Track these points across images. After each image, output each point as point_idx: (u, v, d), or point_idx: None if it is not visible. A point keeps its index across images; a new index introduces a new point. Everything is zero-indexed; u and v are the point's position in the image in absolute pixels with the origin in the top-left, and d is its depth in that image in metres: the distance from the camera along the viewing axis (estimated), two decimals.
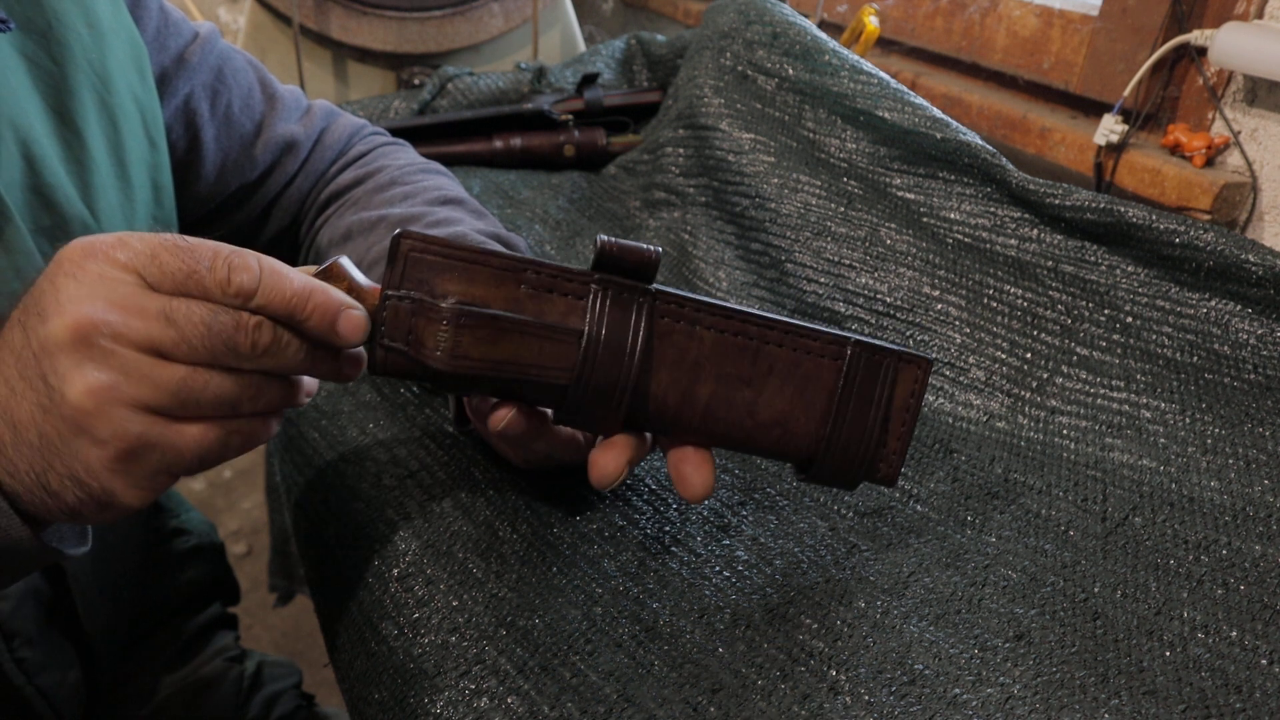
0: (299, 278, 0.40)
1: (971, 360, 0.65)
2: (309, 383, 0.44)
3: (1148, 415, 0.58)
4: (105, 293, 0.36)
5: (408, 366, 0.43)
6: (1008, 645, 0.44)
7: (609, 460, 0.45)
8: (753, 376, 0.46)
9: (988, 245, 0.68)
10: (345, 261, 0.43)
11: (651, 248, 0.45)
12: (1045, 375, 0.62)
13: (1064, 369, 0.62)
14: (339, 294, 0.41)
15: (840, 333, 0.47)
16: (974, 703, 0.41)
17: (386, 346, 0.42)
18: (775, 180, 0.79)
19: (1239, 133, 0.80)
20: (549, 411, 0.48)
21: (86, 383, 0.36)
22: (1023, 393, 0.62)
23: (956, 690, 0.42)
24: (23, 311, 0.38)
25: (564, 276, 0.44)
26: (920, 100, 0.75)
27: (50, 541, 0.40)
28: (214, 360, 0.38)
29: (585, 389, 0.43)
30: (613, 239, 0.44)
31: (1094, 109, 0.93)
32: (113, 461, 0.37)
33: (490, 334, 0.42)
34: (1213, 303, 0.59)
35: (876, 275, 0.71)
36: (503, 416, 0.46)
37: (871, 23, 1.00)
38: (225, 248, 0.38)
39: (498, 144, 1.02)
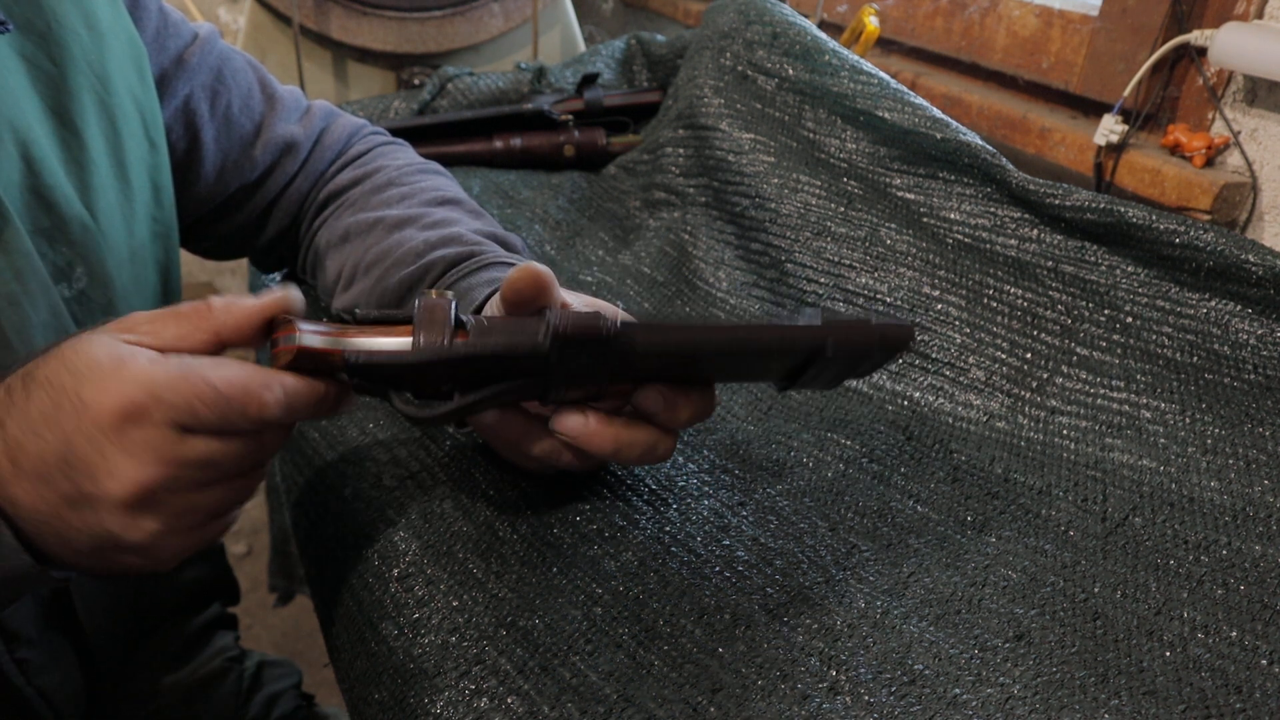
0: (310, 390, 0.43)
1: (971, 360, 0.65)
2: None
3: (1148, 415, 0.58)
4: (153, 456, 0.39)
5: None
6: (1008, 645, 0.44)
7: (574, 415, 0.46)
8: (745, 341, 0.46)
9: (988, 245, 0.68)
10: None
11: (605, 322, 0.43)
12: (1045, 375, 0.62)
13: (1064, 369, 0.62)
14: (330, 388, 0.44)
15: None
16: (974, 703, 0.41)
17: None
18: (775, 180, 0.79)
19: (1239, 133, 0.80)
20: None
21: (147, 531, 0.40)
22: (1023, 393, 0.62)
23: (956, 690, 0.42)
24: (64, 464, 0.39)
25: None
26: (920, 100, 0.75)
27: (53, 571, 0.42)
28: (232, 430, 0.41)
29: (566, 322, 0.42)
30: (566, 319, 0.43)
31: (1094, 109, 0.93)
32: (150, 540, 0.41)
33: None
34: (1213, 303, 0.59)
35: (876, 275, 0.71)
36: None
37: (871, 23, 1.00)
38: (250, 381, 0.41)
39: (498, 144, 1.02)
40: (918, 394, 0.64)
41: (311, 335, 0.43)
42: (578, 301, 0.52)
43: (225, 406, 0.40)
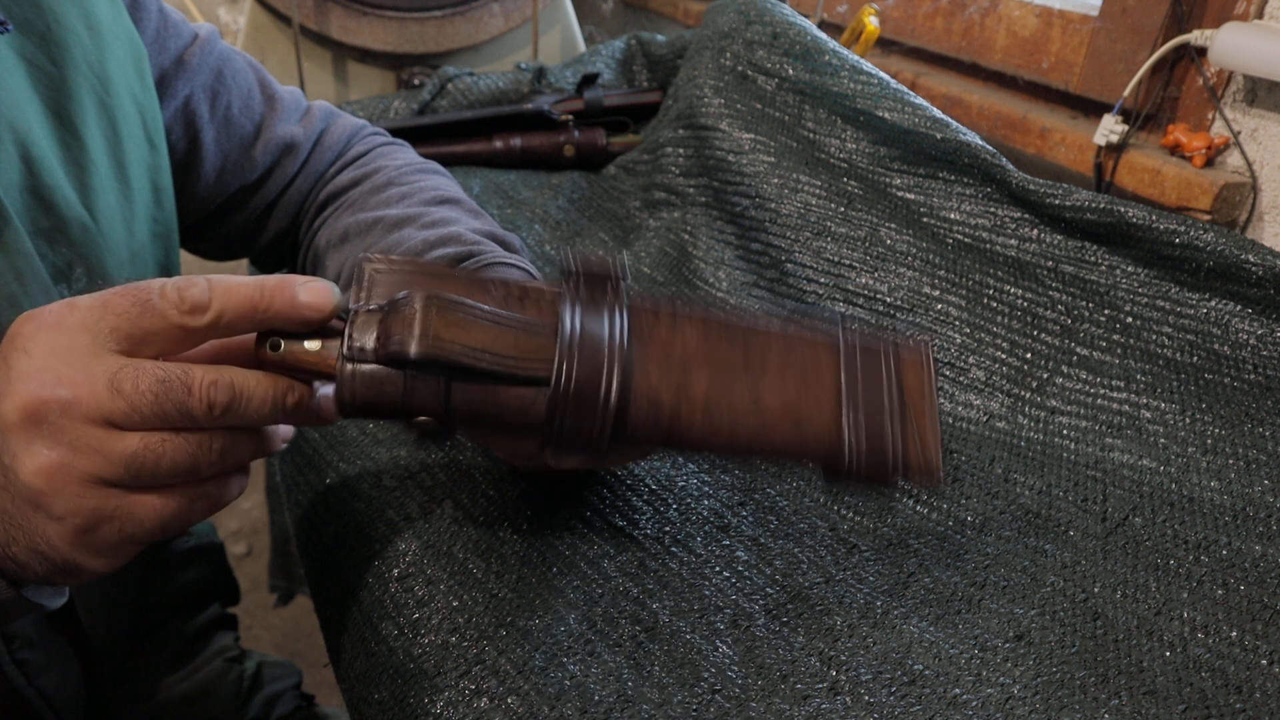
0: (246, 279, 0.39)
1: (971, 360, 0.65)
2: (282, 429, 0.43)
3: (1148, 415, 0.58)
4: (55, 365, 0.36)
5: (378, 380, 0.39)
6: (1008, 645, 0.44)
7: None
8: (748, 366, 0.42)
9: (988, 245, 0.68)
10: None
11: (614, 259, 0.43)
12: (1045, 375, 0.62)
13: (1064, 369, 0.62)
14: (289, 276, 0.40)
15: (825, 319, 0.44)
16: (974, 703, 0.41)
17: (354, 355, 0.39)
18: (775, 180, 0.79)
19: (1239, 133, 0.80)
20: None
21: (37, 462, 0.36)
22: (1023, 393, 0.62)
23: (956, 690, 0.42)
24: None
25: (533, 289, 0.42)
26: (920, 100, 0.75)
27: (30, 596, 0.41)
28: (168, 425, 0.37)
29: (569, 384, 0.40)
30: (576, 252, 0.42)
31: (1094, 109, 0.93)
32: (71, 535, 0.37)
33: (462, 319, 0.40)
34: (1213, 303, 0.59)
35: (876, 275, 0.71)
36: None
37: (871, 23, 1.00)
38: (172, 278, 0.38)
39: (498, 144, 1.02)
40: None
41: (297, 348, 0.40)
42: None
43: (139, 290, 0.37)
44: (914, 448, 0.43)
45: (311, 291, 0.40)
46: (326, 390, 0.42)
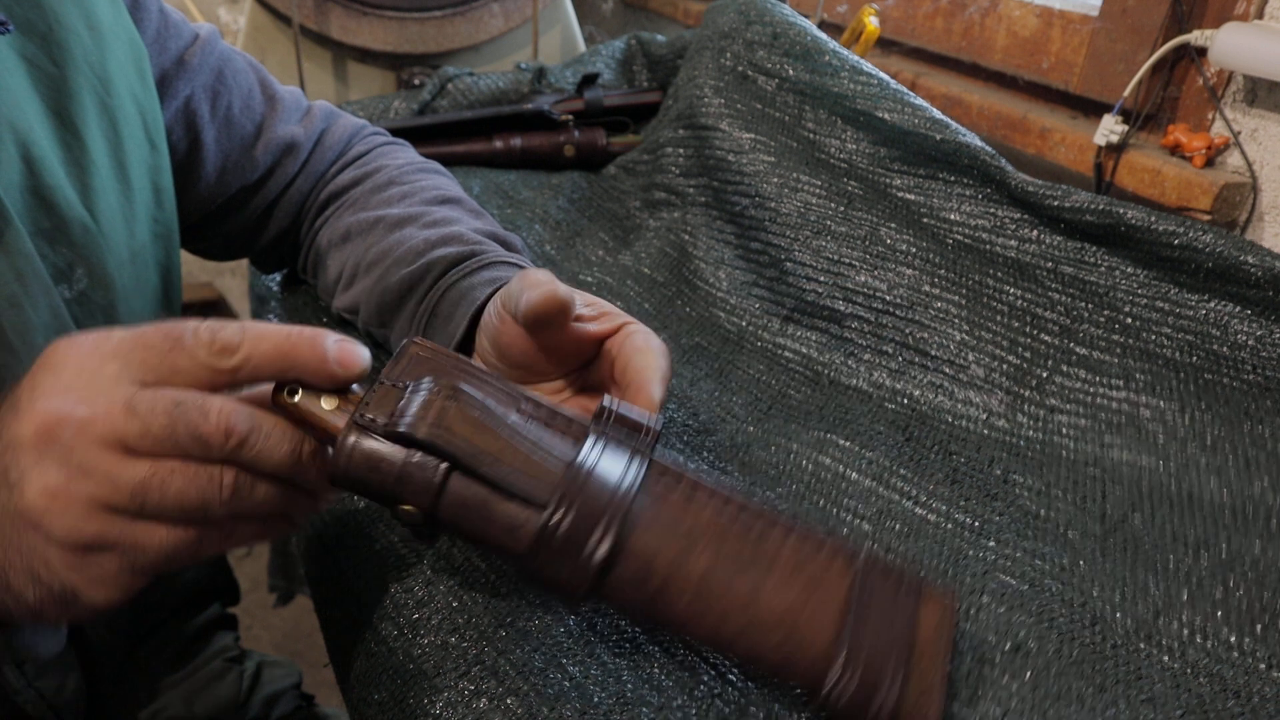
0: (279, 326, 0.39)
1: (971, 357, 0.65)
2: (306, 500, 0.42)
3: (1147, 414, 0.58)
4: (79, 386, 0.36)
5: (376, 458, 0.38)
6: (1005, 657, 0.44)
7: None
8: (756, 559, 0.39)
9: (987, 246, 0.69)
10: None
11: (651, 418, 0.42)
12: (1044, 374, 0.62)
13: (1063, 368, 0.62)
14: (322, 330, 0.39)
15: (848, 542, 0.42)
16: (973, 718, 0.41)
17: (362, 423, 0.39)
18: (775, 180, 0.79)
19: (1239, 133, 0.80)
20: None
21: (44, 480, 0.35)
22: (1022, 391, 0.62)
23: (955, 706, 0.42)
24: (3, 407, 0.37)
25: (563, 415, 0.42)
26: (920, 101, 0.75)
27: (21, 644, 0.40)
28: (180, 452, 0.36)
29: (561, 521, 0.38)
30: (615, 402, 0.42)
31: (1094, 109, 0.93)
32: (71, 560, 0.36)
33: (480, 418, 0.39)
34: (1212, 304, 0.59)
35: (876, 274, 0.71)
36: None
37: (871, 23, 1.00)
38: (208, 320, 0.38)
39: (498, 144, 1.02)
40: (917, 391, 0.64)
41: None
42: (580, 301, 0.51)
43: (174, 328, 0.38)
44: (910, 699, 0.38)
45: (342, 349, 0.39)
46: None
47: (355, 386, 0.41)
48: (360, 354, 0.40)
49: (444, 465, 0.39)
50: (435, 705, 0.43)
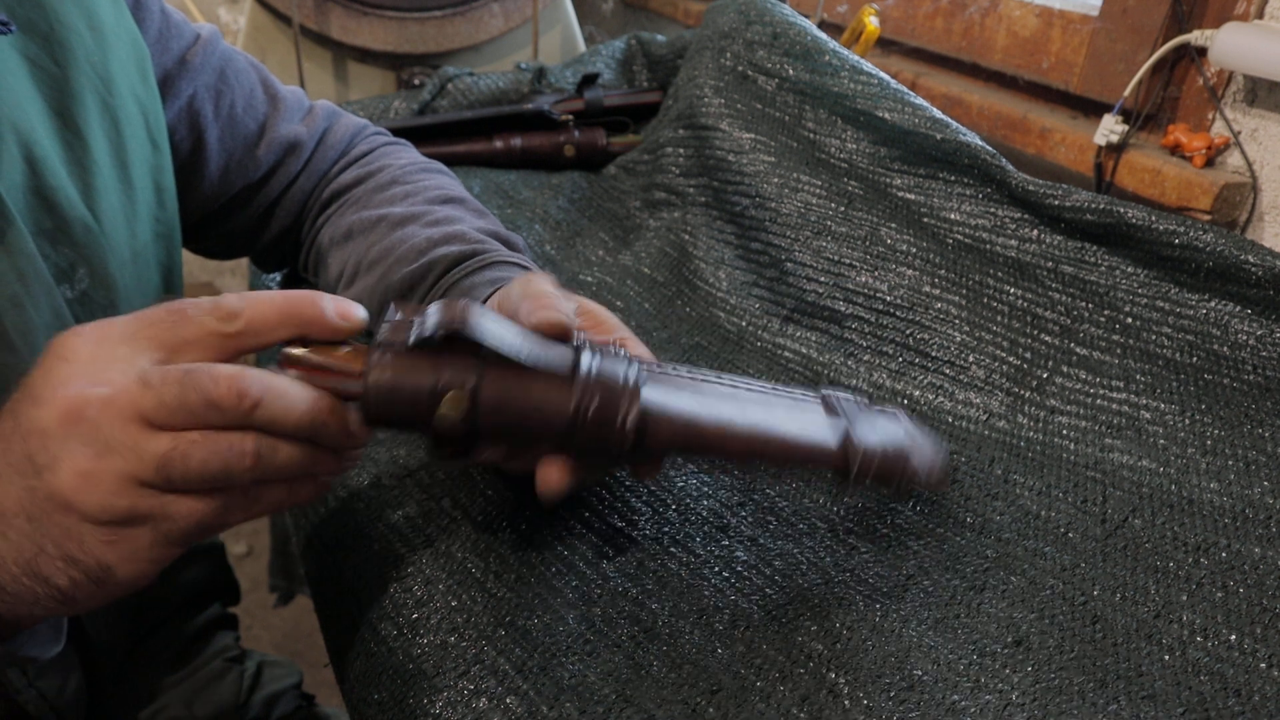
0: (279, 292, 0.41)
1: (971, 359, 0.65)
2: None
3: (1147, 416, 0.58)
4: (95, 370, 0.37)
5: (407, 365, 0.41)
6: (1006, 651, 0.44)
7: (551, 472, 0.44)
8: (759, 401, 0.46)
9: (988, 246, 0.69)
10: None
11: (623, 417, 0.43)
12: (1045, 375, 0.62)
13: (1064, 369, 0.62)
14: (316, 294, 0.42)
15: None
16: (972, 709, 0.41)
17: (385, 345, 0.41)
18: (775, 180, 0.79)
19: (1239, 133, 0.80)
20: None
21: (74, 461, 0.36)
22: (1023, 391, 0.62)
23: (955, 697, 0.42)
24: (15, 401, 0.38)
25: (556, 344, 0.45)
26: (920, 101, 0.75)
27: (19, 650, 0.41)
28: (196, 420, 0.37)
29: (592, 400, 0.42)
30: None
31: (1094, 109, 0.93)
32: (106, 536, 0.37)
33: (494, 319, 0.43)
34: (1212, 303, 0.59)
35: (876, 274, 0.71)
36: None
37: (871, 23, 1.00)
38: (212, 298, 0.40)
39: (498, 144, 1.02)
40: (917, 392, 0.64)
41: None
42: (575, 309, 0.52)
43: (177, 303, 0.39)
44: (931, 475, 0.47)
45: (340, 303, 0.41)
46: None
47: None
48: (357, 307, 0.42)
49: (476, 360, 0.41)
50: (435, 705, 0.43)
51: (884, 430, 0.47)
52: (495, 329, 0.42)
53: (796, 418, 0.46)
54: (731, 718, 0.41)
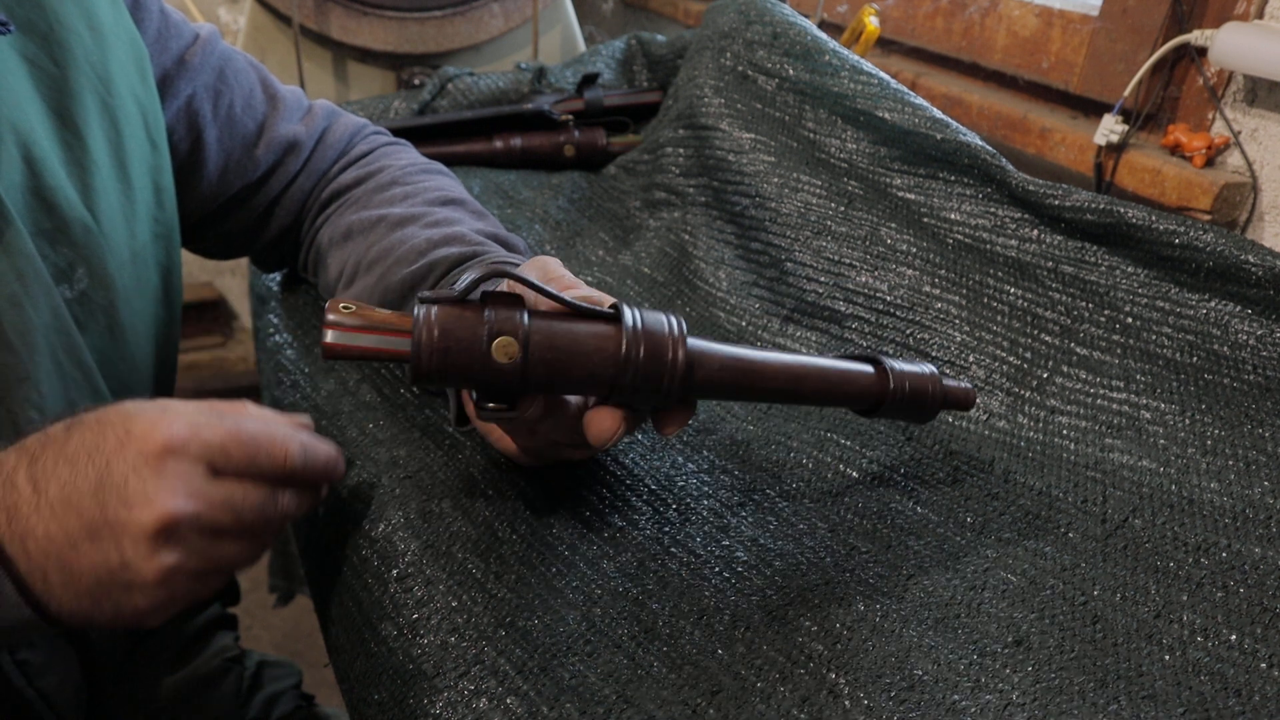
0: (326, 452, 0.48)
1: (972, 359, 0.65)
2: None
3: (1147, 416, 0.58)
4: (184, 488, 0.41)
5: (456, 313, 0.42)
6: (1006, 651, 0.44)
7: (604, 418, 0.46)
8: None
9: (988, 246, 0.68)
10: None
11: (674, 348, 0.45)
12: (1045, 375, 0.62)
13: (1064, 369, 0.62)
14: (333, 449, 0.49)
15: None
16: (973, 709, 0.41)
17: (430, 299, 0.42)
18: (775, 180, 0.79)
19: (1239, 133, 0.80)
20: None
21: (163, 564, 0.41)
22: (1023, 392, 0.62)
23: (955, 697, 0.42)
24: (98, 488, 0.41)
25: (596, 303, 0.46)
26: (920, 101, 0.75)
27: (47, 621, 0.43)
28: (253, 531, 0.45)
29: (637, 318, 0.43)
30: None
31: (1094, 109, 0.93)
32: (156, 607, 0.43)
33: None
34: (1212, 303, 0.59)
35: (877, 274, 0.71)
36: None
37: (871, 23, 1.00)
38: (279, 431, 0.45)
39: (498, 144, 1.02)
40: None
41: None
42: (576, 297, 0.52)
43: (253, 447, 0.44)
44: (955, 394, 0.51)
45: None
46: None
47: None
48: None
49: (522, 311, 0.42)
50: (435, 705, 0.43)
51: (911, 363, 0.51)
52: (538, 282, 0.43)
53: (829, 358, 0.49)
54: (732, 718, 0.41)
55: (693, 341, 0.45)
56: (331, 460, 0.49)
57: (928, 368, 0.51)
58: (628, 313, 0.44)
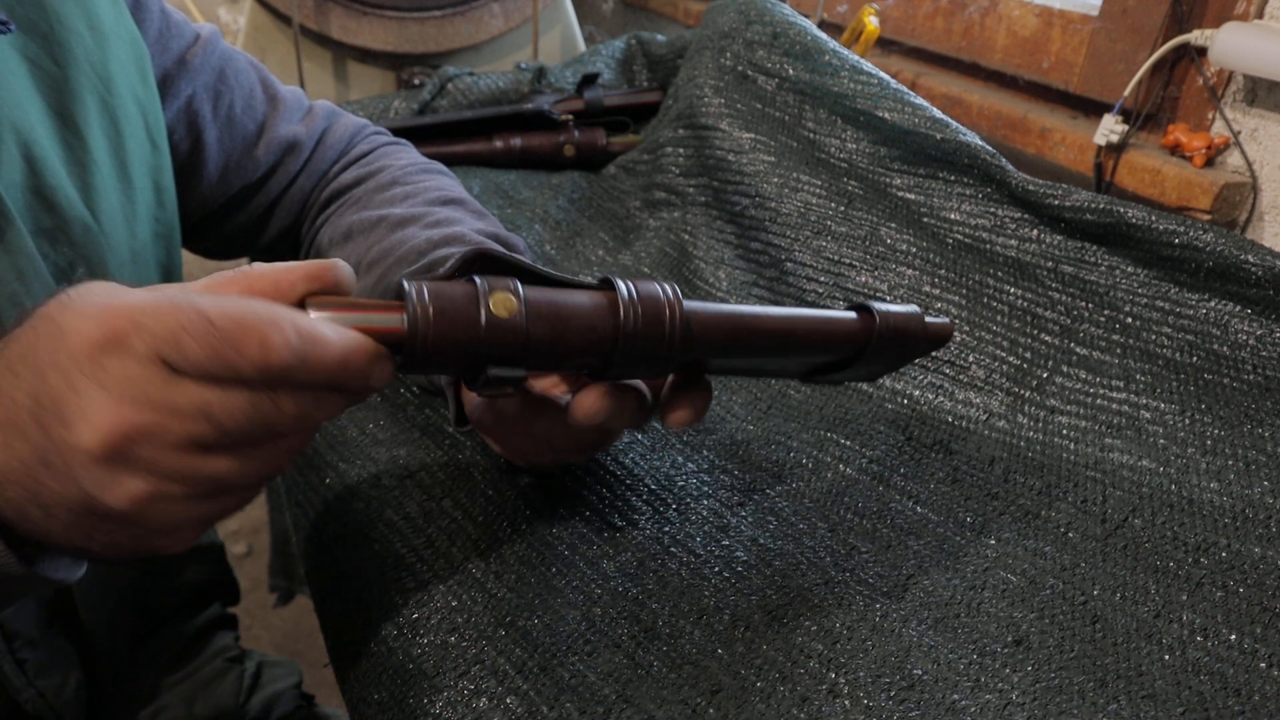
0: (338, 343, 0.36)
1: (971, 359, 0.65)
2: None
3: (1147, 416, 0.58)
4: (133, 395, 0.32)
5: (450, 286, 0.40)
6: (1006, 651, 0.44)
7: (591, 396, 0.44)
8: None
9: (988, 246, 0.69)
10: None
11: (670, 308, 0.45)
12: (1045, 375, 0.62)
13: (1064, 368, 0.62)
14: (370, 343, 0.37)
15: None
16: (972, 709, 0.41)
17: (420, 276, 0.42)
18: (775, 180, 0.79)
19: (1239, 133, 0.80)
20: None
21: (129, 493, 0.33)
22: (1023, 391, 0.62)
23: (955, 696, 0.42)
24: (35, 405, 0.33)
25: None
26: (920, 100, 0.75)
27: (43, 572, 0.38)
28: (255, 440, 0.35)
29: (632, 288, 0.43)
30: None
31: (1094, 109, 0.93)
32: (155, 535, 0.36)
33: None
34: (1212, 303, 0.59)
35: (876, 274, 0.71)
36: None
37: (871, 23, 1.00)
38: (251, 316, 0.33)
39: (498, 144, 1.02)
40: (917, 392, 0.64)
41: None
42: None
43: (217, 341, 0.32)
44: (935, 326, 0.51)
45: (382, 371, 0.38)
46: None
47: None
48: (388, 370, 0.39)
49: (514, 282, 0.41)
50: (435, 705, 0.43)
51: (896, 305, 0.52)
52: (526, 260, 0.44)
53: (818, 309, 0.50)
54: (731, 718, 0.41)
55: (688, 302, 0.45)
56: (346, 355, 0.35)
57: (912, 307, 0.52)
58: (619, 281, 0.44)
